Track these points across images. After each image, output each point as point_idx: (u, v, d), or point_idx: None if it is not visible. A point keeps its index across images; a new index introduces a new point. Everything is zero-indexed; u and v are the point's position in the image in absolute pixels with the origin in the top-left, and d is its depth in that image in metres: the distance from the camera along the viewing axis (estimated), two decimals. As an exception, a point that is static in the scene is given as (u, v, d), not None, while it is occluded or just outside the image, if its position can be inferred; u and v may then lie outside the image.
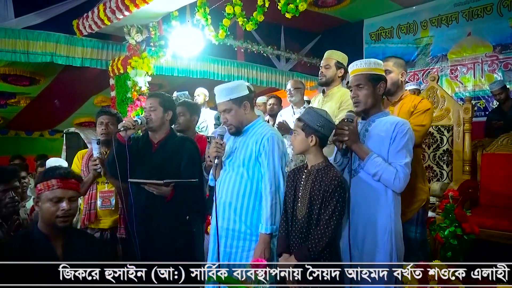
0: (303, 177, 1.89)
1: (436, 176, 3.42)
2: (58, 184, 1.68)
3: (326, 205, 1.76)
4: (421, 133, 2.23)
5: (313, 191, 1.81)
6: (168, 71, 5.30)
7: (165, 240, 2.22)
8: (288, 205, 1.91)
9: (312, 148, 1.85)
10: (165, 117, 2.35)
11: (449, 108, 3.43)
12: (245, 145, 2.04)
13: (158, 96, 2.37)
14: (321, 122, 1.82)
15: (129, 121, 2.25)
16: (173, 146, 2.34)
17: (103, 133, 2.63)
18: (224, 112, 2.04)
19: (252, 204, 1.99)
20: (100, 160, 2.48)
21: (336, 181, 1.76)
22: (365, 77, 1.88)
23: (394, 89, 2.37)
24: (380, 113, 1.92)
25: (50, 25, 4.54)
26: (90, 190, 2.61)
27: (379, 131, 1.86)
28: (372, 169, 1.80)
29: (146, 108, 2.36)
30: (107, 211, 2.61)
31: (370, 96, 1.88)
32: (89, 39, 4.76)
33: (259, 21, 4.06)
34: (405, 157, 1.79)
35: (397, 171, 1.78)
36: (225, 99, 2.02)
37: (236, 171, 2.02)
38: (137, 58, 4.52)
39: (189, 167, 2.29)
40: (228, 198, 2.01)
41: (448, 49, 5.73)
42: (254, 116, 2.10)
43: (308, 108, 1.92)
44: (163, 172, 2.22)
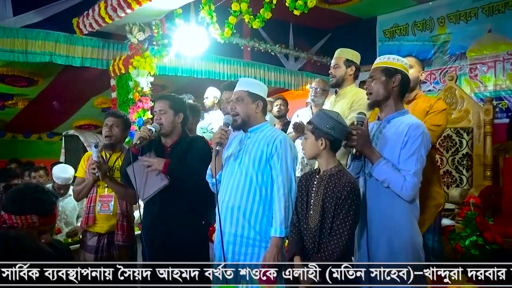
0: (315, 183, 1.88)
1: (455, 182, 3.38)
2: (40, 221, 1.59)
3: (338, 212, 1.75)
4: (436, 133, 2.23)
5: (326, 198, 1.80)
6: (172, 71, 5.32)
7: (179, 249, 2.24)
8: (301, 212, 1.90)
9: (323, 152, 1.84)
10: (176, 120, 2.39)
11: (468, 109, 3.39)
12: (254, 147, 2.05)
13: (168, 99, 2.41)
14: (331, 124, 1.81)
15: (145, 132, 2.29)
16: (184, 147, 2.38)
17: (106, 136, 2.68)
18: (236, 101, 2.08)
19: (262, 209, 2.00)
20: (97, 164, 2.51)
21: (348, 187, 1.75)
22: (379, 69, 1.91)
23: (413, 85, 2.36)
24: (396, 113, 1.90)
25: (49, 23, 4.58)
26: (91, 193, 2.68)
27: (392, 134, 1.85)
28: (380, 176, 1.81)
29: (156, 112, 2.40)
30: (105, 216, 2.66)
31: (382, 87, 1.88)
32: (90, 38, 4.79)
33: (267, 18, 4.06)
34: (414, 164, 1.77)
35: (405, 180, 1.76)
36: (243, 88, 2.09)
37: (245, 174, 2.03)
38: (139, 58, 4.55)
39: (195, 162, 2.30)
40: (237, 201, 2.01)
41: (467, 46, 5.68)
42: (262, 119, 2.14)
43: (319, 110, 1.92)
44: (177, 175, 2.27)
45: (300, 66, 6.85)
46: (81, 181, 2.72)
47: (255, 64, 6.28)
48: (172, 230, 2.30)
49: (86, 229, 2.68)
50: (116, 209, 2.66)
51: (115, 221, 2.65)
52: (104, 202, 2.66)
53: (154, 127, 2.34)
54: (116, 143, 2.73)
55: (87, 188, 2.62)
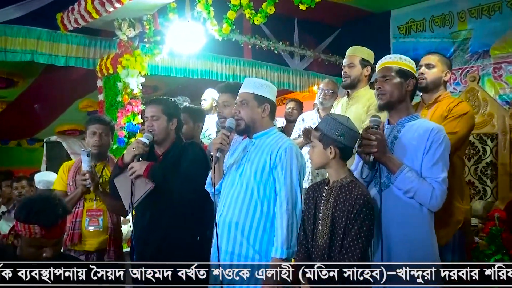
0: (324, 195, 1.88)
1: (479, 194, 3.38)
2: (41, 233, 1.69)
3: (349, 228, 1.74)
4: (452, 142, 2.23)
5: (336, 211, 1.80)
6: (165, 71, 5.34)
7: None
8: (308, 228, 1.90)
9: (332, 161, 1.85)
10: (169, 127, 2.41)
11: (492, 113, 3.40)
12: (257, 155, 2.05)
13: (161, 103, 2.42)
14: (340, 131, 1.81)
15: (140, 147, 2.31)
16: (177, 153, 2.40)
17: (95, 145, 2.66)
18: (240, 104, 2.08)
19: (263, 226, 1.99)
20: (90, 174, 2.51)
21: (361, 200, 1.75)
22: (392, 70, 1.92)
23: (433, 87, 2.39)
24: (409, 117, 1.93)
25: (31, 19, 4.63)
26: (76, 207, 2.64)
27: (410, 139, 1.86)
28: (404, 186, 1.80)
29: (147, 118, 2.40)
30: (94, 232, 2.62)
31: (397, 89, 1.90)
32: (75, 35, 4.84)
33: (269, 13, 4.09)
34: (441, 171, 1.80)
35: (434, 188, 1.78)
36: (248, 90, 2.09)
37: (246, 185, 2.02)
38: (129, 56, 4.57)
39: (191, 169, 2.32)
40: (235, 216, 2.01)
41: (491, 44, 5.69)
42: (269, 124, 2.13)
43: (326, 116, 1.93)
44: (166, 180, 2.28)
45: (306, 65, 6.89)
46: (62, 194, 2.65)
47: (257, 63, 6.31)
48: (162, 245, 2.31)
49: (71, 248, 2.61)
50: (107, 224, 2.64)
51: (105, 237, 2.63)
52: (93, 217, 2.62)
53: (147, 138, 2.34)
54: (102, 152, 2.74)
55: (73, 202, 2.58)
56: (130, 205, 2.31)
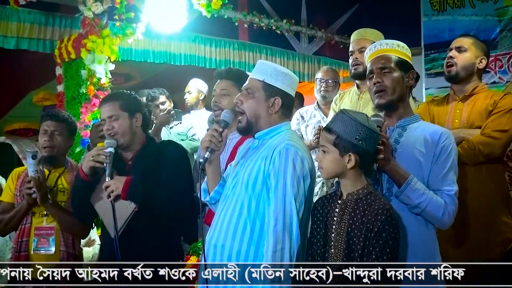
0: (337, 210, 1.87)
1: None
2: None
3: (370, 250, 1.74)
4: (501, 142, 2.27)
5: (352, 230, 1.79)
6: (140, 56, 5.34)
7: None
8: (317, 251, 1.88)
9: (350, 171, 1.84)
10: (133, 125, 2.41)
11: (547, 109, 3.40)
12: (252, 161, 2.01)
13: (117, 98, 2.43)
14: (361, 134, 1.80)
15: (101, 156, 2.30)
16: (150, 157, 2.40)
17: (46, 146, 2.67)
18: (244, 93, 2.03)
19: (254, 250, 1.94)
20: (37, 181, 2.51)
21: (383, 216, 1.74)
22: (392, 60, 1.96)
23: (465, 75, 2.44)
24: (411, 118, 2.01)
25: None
26: (23, 223, 2.64)
27: (415, 144, 1.92)
28: (412, 200, 1.85)
29: (104, 120, 2.40)
30: (43, 256, 2.62)
31: (399, 85, 1.95)
32: (28, 11, 4.82)
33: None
34: (453, 182, 1.88)
35: (446, 203, 1.85)
36: (257, 76, 2.02)
37: (236, 199, 2.00)
38: (96, 38, 4.56)
39: (172, 178, 2.33)
40: (221, 238, 1.98)
41: (545, 23, 5.73)
42: (278, 121, 2.04)
43: (341, 113, 1.88)
44: (145, 196, 2.31)
45: (316, 49, 6.92)
46: (9, 207, 2.69)
47: (255, 46, 6.31)
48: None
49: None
50: (59, 246, 2.63)
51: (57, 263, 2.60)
52: (42, 237, 2.62)
53: (110, 146, 2.33)
54: (58, 155, 2.72)
55: (18, 216, 2.59)
56: (115, 232, 2.33)
